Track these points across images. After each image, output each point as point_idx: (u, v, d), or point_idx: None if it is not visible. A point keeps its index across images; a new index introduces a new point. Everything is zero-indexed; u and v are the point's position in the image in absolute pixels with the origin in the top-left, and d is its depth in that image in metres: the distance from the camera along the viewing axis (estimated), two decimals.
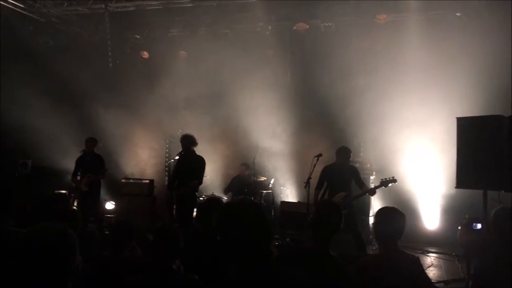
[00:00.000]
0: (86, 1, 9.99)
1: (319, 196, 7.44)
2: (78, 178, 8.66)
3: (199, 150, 7.74)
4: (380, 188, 7.28)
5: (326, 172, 7.53)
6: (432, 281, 6.25)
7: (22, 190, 8.90)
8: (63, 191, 9.26)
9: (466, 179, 6.05)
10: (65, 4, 10.12)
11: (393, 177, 7.23)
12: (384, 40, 9.80)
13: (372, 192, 7.38)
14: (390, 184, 7.18)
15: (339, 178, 7.40)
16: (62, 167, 9.93)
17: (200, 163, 7.58)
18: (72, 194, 8.68)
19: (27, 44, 9.88)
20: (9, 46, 9.40)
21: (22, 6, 9.70)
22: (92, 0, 9.95)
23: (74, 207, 6.02)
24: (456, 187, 6.29)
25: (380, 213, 3.51)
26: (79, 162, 8.76)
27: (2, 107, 9.02)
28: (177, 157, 7.96)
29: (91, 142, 8.76)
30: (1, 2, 9.10)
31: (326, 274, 2.83)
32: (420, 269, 3.30)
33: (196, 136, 7.67)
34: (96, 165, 8.66)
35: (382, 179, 7.27)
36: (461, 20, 9.14)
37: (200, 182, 7.63)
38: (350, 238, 7.18)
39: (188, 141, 7.57)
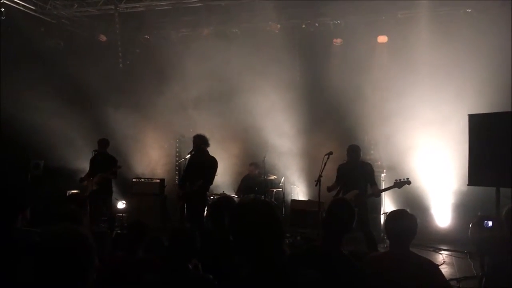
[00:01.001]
0: (96, 2, 10.05)
1: (335, 193, 7.42)
2: (91, 178, 8.73)
3: (210, 149, 7.75)
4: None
5: (340, 171, 7.52)
6: None
7: (34, 191, 8.98)
8: (75, 191, 9.34)
9: (479, 176, 6.02)
10: (75, 6, 10.21)
11: (407, 178, 7.08)
12: (394, 37, 9.75)
13: (378, 194, 7.41)
14: (403, 186, 7.10)
15: (351, 176, 7.36)
16: (74, 168, 10.02)
17: (211, 164, 7.56)
18: (84, 194, 8.74)
19: (38, 46, 9.96)
20: (20, 47, 9.49)
21: (32, 8, 9.80)
22: (102, 1, 10.01)
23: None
24: (468, 185, 6.26)
25: (391, 213, 3.53)
26: (92, 162, 8.84)
27: (14, 108, 9.10)
28: (188, 156, 7.98)
29: (103, 142, 8.83)
30: (12, 5, 9.19)
31: (338, 273, 2.83)
32: (438, 272, 3.25)
33: (208, 136, 7.69)
34: (108, 165, 8.72)
35: (396, 180, 7.17)
36: (472, 16, 9.07)
37: (209, 182, 7.61)
38: (361, 235, 7.16)
39: (201, 141, 7.59)
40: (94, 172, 8.71)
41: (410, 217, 3.37)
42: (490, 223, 6.77)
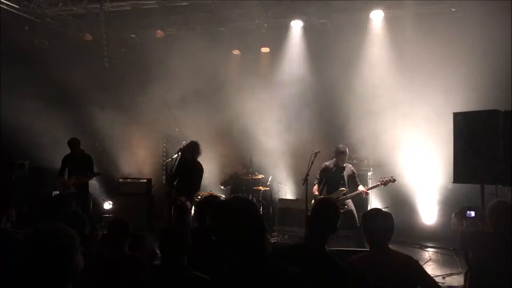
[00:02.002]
0: (81, 1, 9.95)
1: (318, 193, 7.49)
2: (66, 177, 8.60)
3: None
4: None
5: (324, 170, 7.59)
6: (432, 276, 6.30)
7: (20, 191, 8.87)
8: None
9: (463, 174, 6.08)
10: (60, 4, 10.09)
11: (391, 176, 7.29)
12: (380, 36, 9.81)
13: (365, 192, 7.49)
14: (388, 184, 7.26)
15: (337, 176, 7.48)
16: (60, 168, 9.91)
17: (200, 172, 7.65)
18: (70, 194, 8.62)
19: (23, 45, 9.84)
20: (4, 47, 9.36)
21: (16, 7, 9.67)
22: (87, 0, 9.91)
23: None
24: (453, 182, 6.31)
25: (365, 214, 3.58)
26: (65, 161, 8.68)
27: None
28: (175, 156, 7.95)
29: (74, 142, 8.61)
30: None
31: (319, 271, 2.84)
32: (418, 269, 3.30)
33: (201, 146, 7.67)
34: (85, 165, 8.58)
35: (380, 179, 7.31)
36: (457, 15, 9.15)
37: (198, 188, 7.77)
38: (349, 234, 7.23)
39: (196, 148, 7.59)
40: (70, 172, 8.57)
41: (386, 215, 3.41)
42: (472, 213, 6.88)
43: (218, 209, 2.15)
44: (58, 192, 8.82)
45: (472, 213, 7.03)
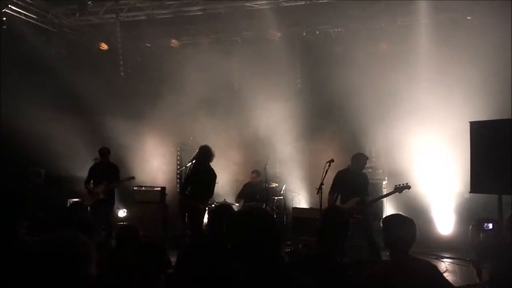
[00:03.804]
0: (98, 11, 10.10)
1: (332, 201, 7.40)
2: (91, 186, 8.71)
3: None
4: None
5: (339, 178, 7.48)
6: None
7: (36, 199, 8.97)
8: (76, 200, 9.31)
9: (481, 183, 5.99)
10: (77, 14, 10.25)
11: (406, 183, 7.20)
12: (395, 44, 9.77)
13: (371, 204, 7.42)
14: (403, 191, 7.16)
15: (352, 184, 7.34)
16: (76, 176, 10.00)
17: (212, 176, 7.66)
18: (85, 202, 8.70)
19: (40, 55, 10.00)
20: (22, 56, 9.53)
21: (34, 17, 9.84)
22: (103, 10, 10.06)
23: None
24: (470, 192, 6.22)
25: (387, 220, 3.41)
26: (92, 171, 8.81)
27: (15, 117, 9.12)
28: (189, 164, 7.99)
29: (104, 151, 8.81)
30: (14, 14, 9.23)
31: (331, 280, 2.80)
32: (438, 274, 3.23)
33: (214, 151, 7.69)
34: (111, 174, 8.70)
35: (396, 185, 7.23)
36: (472, 23, 9.08)
37: (211, 194, 7.79)
38: (364, 243, 7.14)
39: (208, 152, 7.62)
40: (96, 181, 8.69)
41: (408, 221, 3.30)
42: (490, 225, 6.75)
43: (236, 217, 2.14)
44: (77, 200, 8.92)
45: (490, 225, 6.93)
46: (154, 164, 11.69)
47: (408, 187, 7.17)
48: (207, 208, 7.84)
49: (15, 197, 3.56)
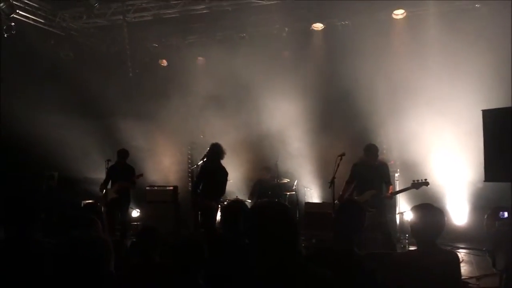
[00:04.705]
0: (105, 13, 10.14)
1: (347, 193, 7.31)
2: (109, 187, 8.81)
3: None
4: None
5: (355, 170, 7.40)
6: (464, 277, 6.16)
7: (49, 202, 9.05)
8: (90, 201, 9.37)
9: (494, 172, 5.96)
10: (84, 17, 10.31)
11: (425, 179, 6.99)
12: (403, 35, 9.70)
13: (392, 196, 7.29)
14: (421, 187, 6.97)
15: (368, 176, 7.23)
16: (89, 178, 10.08)
17: (223, 174, 7.67)
18: (98, 203, 8.77)
19: (49, 58, 10.07)
20: (31, 60, 9.61)
21: (42, 21, 9.91)
22: (110, 12, 10.10)
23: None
24: (484, 181, 6.18)
25: (417, 209, 3.34)
26: (109, 172, 8.89)
27: (26, 121, 9.20)
28: (200, 163, 8.00)
29: (123, 153, 8.91)
30: (22, 19, 9.30)
31: (350, 272, 2.79)
32: (457, 266, 3.21)
33: (225, 148, 7.70)
34: (127, 175, 8.84)
35: (413, 181, 7.06)
36: (481, 11, 8.98)
37: (222, 192, 7.79)
38: (378, 236, 7.07)
39: (219, 150, 7.61)
40: (114, 183, 8.79)
41: (437, 211, 3.26)
42: (506, 214, 6.67)
43: (254, 211, 2.14)
44: (90, 201, 9.00)
45: (506, 214, 6.85)
46: (166, 163, 11.73)
47: (426, 183, 6.94)
48: (219, 206, 7.86)
49: (30, 200, 3.60)
